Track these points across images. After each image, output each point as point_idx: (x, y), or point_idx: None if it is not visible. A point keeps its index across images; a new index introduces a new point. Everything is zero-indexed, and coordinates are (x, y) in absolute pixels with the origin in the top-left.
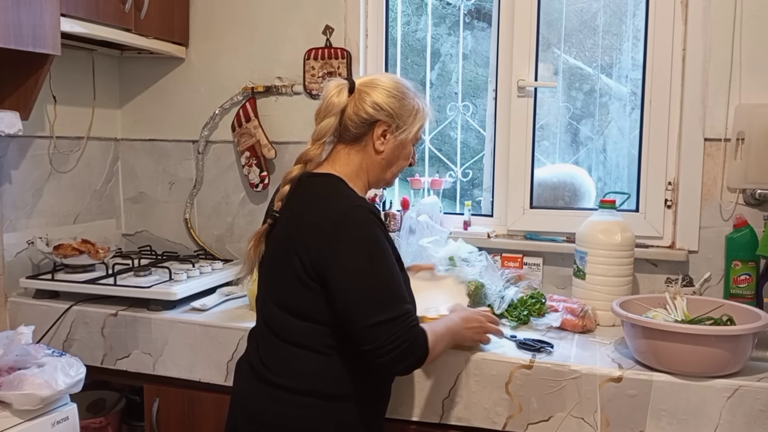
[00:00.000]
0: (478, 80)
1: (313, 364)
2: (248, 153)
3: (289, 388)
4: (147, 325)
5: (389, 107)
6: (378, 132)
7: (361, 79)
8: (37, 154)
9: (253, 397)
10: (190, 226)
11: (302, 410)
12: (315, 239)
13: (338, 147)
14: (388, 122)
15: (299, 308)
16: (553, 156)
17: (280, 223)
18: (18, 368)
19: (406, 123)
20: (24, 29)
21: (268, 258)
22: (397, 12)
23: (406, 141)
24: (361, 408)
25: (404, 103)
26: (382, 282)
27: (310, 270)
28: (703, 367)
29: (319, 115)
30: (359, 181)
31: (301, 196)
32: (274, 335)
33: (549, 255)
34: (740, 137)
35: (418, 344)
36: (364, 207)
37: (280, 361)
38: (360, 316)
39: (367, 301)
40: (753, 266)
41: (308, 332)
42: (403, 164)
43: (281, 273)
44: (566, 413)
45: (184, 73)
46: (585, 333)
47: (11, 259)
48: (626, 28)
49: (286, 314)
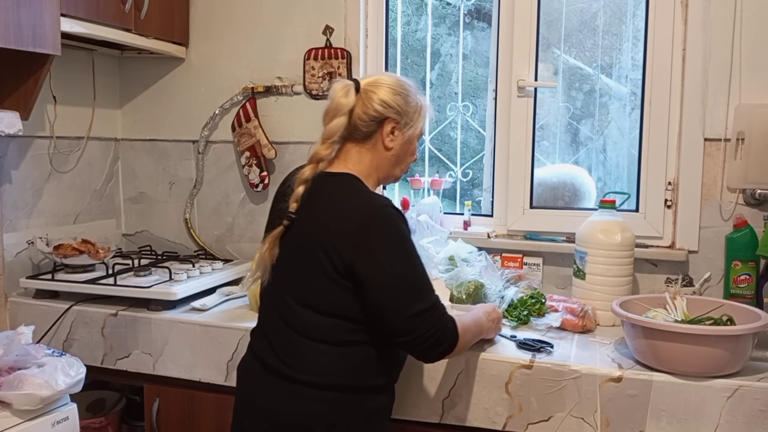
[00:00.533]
0: (478, 80)
1: (335, 358)
2: (248, 153)
3: (313, 384)
4: (147, 325)
5: (396, 104)
6: (387, 129)
7: (365, 79)
8: (37, 154)
9: (266, 395)
10: (190, 226)
11: (325, 405)
12: (345, 239)
13: (348, 146)
14: (396, 119)
15: (326, 305)
16: (553, 156)
17: (298, 224)
18: (18, 368)
19: (413, 119)
20: (24, 29)
21: (285, 258)
22: (397, 12)
23: (413, 136)
24: (380, 398)
25: (408, 100)
26: (414, 275)
27: (340, 268)
28: (703, 367)
29: (328, 116)
30: (371, 179)
31: (320, 195)
32: (295, 332)
33: (549, 255)
34: (740, 137)
35: (448, 331)
36: (390, 206)
37: (301, 357)
38: (397, 310)
39: (403, 294)
40: (753, 266)
41: (332, 328)
42: (410, 159)
43: (305, 271)
44: (566, 413)
45: (184, 73)
46: (585, 333)
47: (11, 259)
48: (626, 28)
49: (310, 311)
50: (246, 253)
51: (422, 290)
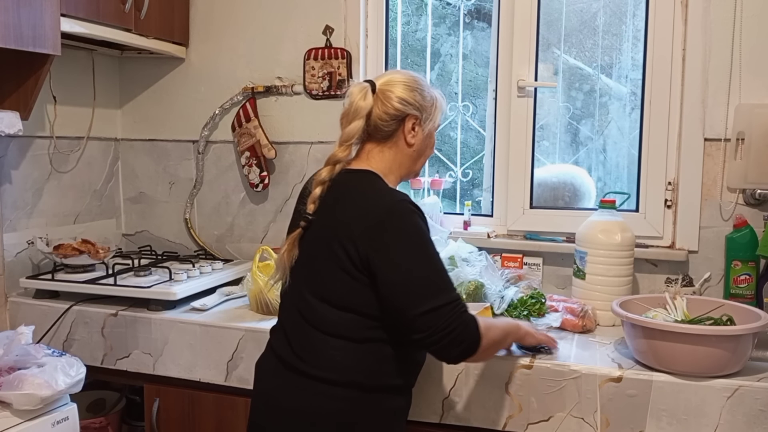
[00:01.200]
0: (478, 80)
1: (352, 355)
2: (248, 153)
3: (328, 380)
4: (147, 325)
5: (414, 100)
6: (408, 126)
7: (379, 80)
8: (37, 154)
9: (281, 389)
10: (190, 226)
11: (339, 402)
12: (362, 233)
13: (368, 146)
14: (416, 115)
15: (343, 300)
16: (553, 156)
17: (317, 221)
18: (18, 368)
19: (431, 113)
20: (24, 29)
21: (304, 255)
22: (397, 12)
23: (432, 130)
24: (397, 398)
25: (425, 95)
26: (431, 270)
27: (357, 263)
28: (703, 367)
29: (347, 119)
30: (392, 176)
31: (339, 191)
32: (313, 327)
33: (549, 255)
34: (740, 137)
35: (468, 330)
36: (407, 201)
37: (316, 353)
38: (412, 305)
39: (418, 289)
40: (753, 266)
41: (350, 323)
42: (430, 153)
43: (323, 266)
44: (566, 413)
45: (184, 73)
46: (585, 333)
47: (11, 259)
48: (626, 28)
49: (327, 306)
50: (246, 253)
51: (438, 286)
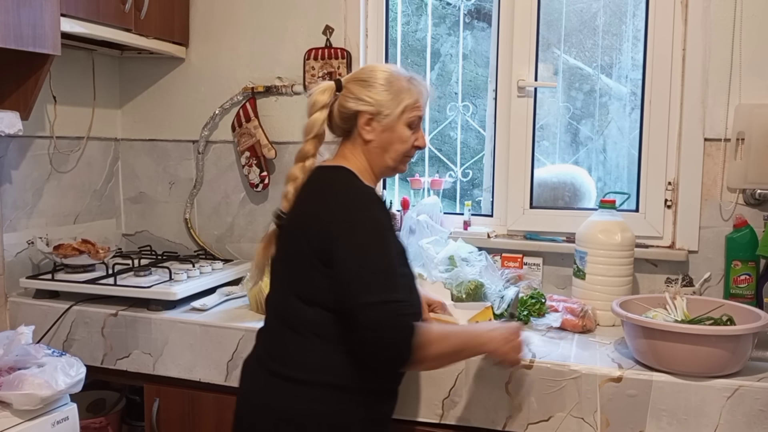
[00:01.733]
0: (478, 80)
1: (321, 354)
2: (248, 153)
3: (298, 380)
4: (147, 325)
5: (367, 96)
6: (362, 122)
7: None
8: (37, 154)
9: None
10: (190, 226)
11: (315, 404)
12: (319, 219)
13: (343, 144)
14: (369, 110)
15: (308, 293)
16: (553, 156)
17: (288, 218)
18: (18, 368)
19: (389, 107)
20: (24, 29)
21: (280, 251)
22: (397, 12)
23: (394, 124)
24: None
25: (378, 89)
26: (374, 264)
27: (318, 251)
28: (703, 367)
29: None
30: (367, 173)
31: (310, 186)
32: (284, 324)
33: (549, 255)
34: (740, 137)
35: (401, 337)
36: (369, 194)
37: (287, 350)
38: (348, 297)
39: (354, 282)
40: (753, 266)
41: (316, 319)
42: (401, 147)
43: (294, 260)
44: (566, 413)
45: (184, 73)
46: (585, 333)
47: (11, 259)
48: (626, 28)
49: (296, 300)
50: (246, 253)
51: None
